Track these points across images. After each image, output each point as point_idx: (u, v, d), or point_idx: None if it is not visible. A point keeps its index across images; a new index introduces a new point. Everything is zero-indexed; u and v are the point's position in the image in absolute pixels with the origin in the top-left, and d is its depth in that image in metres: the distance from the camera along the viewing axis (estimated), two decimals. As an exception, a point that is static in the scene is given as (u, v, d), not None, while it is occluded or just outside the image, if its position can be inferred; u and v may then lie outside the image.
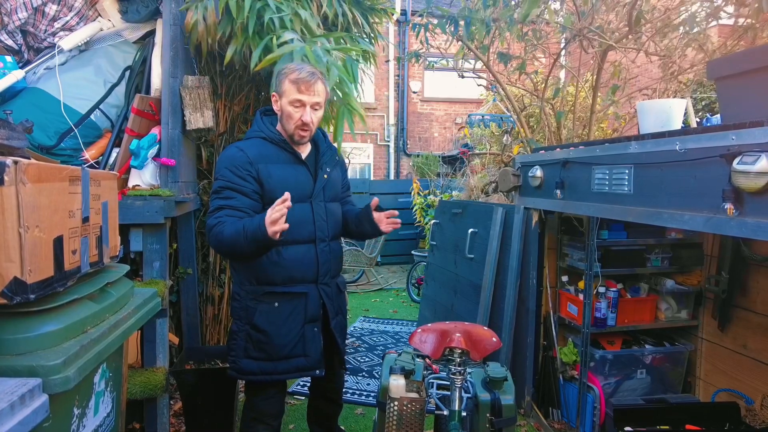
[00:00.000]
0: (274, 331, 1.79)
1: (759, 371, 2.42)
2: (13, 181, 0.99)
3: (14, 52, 2.40)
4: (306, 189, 1.84)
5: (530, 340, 2.85)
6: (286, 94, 1.77)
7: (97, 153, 2.32)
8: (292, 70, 1.77)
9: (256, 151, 1.79)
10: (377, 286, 6.56)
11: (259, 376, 1.81)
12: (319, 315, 1.87)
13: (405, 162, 10.25)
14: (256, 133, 1.87)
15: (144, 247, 2.22)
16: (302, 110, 1.77)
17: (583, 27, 3.25)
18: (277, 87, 1.81)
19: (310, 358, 1.84)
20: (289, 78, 1.76)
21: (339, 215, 1.98)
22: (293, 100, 1.76)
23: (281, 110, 1.81)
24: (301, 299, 1.82)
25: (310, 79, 1.75)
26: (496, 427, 1.58)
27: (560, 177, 2.42)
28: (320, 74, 1.82)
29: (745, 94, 1.65)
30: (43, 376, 1.01)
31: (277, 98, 1.82)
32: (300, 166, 1.86)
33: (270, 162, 1.80)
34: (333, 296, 1.94)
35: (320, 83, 1.79)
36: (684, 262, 2.79)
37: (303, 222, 1.81)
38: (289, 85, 1.76)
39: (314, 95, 1.77)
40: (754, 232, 1.40)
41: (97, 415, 1.34)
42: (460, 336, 1.63)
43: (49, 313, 1.12)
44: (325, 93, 1.83)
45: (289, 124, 1.80)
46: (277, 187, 1.75)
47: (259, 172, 1.77)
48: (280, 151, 1.83)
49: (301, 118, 1.77)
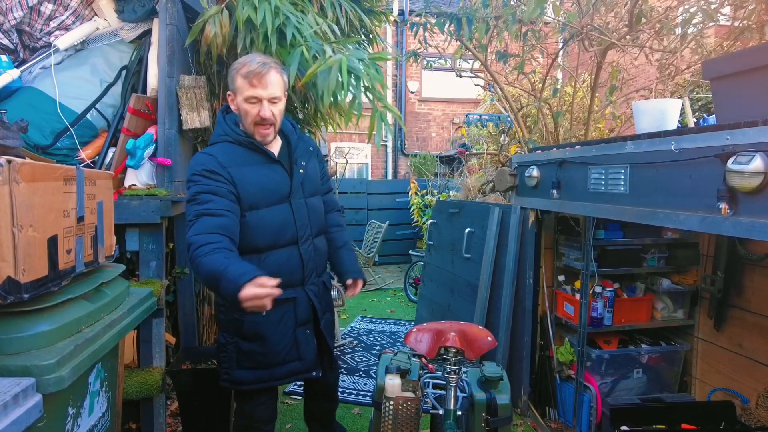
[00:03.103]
0: (266, 339, 1.71)
1: (754, 370, 2.43)
2: (7, 180, 0.99)
3: (10, 51, 2.40)
4: (284, 188, 1.73)
5: (527, 339, 2.86)
6: (240, 91, 1.64)
7: (93, 152, 2.31)
8: (242, 64, 1.64)
9: (226, 157, 1.66)
10: (375, 286, 6.56)
11: (255, 384, 1.75)
12: (310, 317, 1.80)
13: (403, 162, 10.26)
14: (221, 137, 1.73)
15: (140, 246, 2.22)
16: (258, 106, 1.64)
17: (585, 24, 3.25)
18: (231, 85, 1.68)
19: (305, 361, 1.79)
20: (240, 73, 1.63)
21: (321, 210, 1.88)
22: (248, 97, 1.63)
23: (238, 109, 1.68)
24: (290, 304, 1.74)
25: (261, 70, 1.62)
26: (492, 427, 1.58)
27: (557, 177, 2.42)
28: (273, 62, 1.68)
29: (739, 94, 1.66)
30: (37, 375, 1.01)
31: (233, 97, 1.69)
32: (274, 165, 1.74)
33: (242, 165, 1.67)
34: (321, 294, 1.86)
35: (274, 72, 1.65)
36: (680, 261, 2.80)
37: (284, 225, 1.71)
38: (241, 80, 1.63)
39: (269, 87, 1.63)
40: (749, 232, 1.40)
41: (92, 415, 1.34)
42: (455, 335, 1.63)
43: (43, 312, 1.12)
44: (282, 83, 1.69)
45: (247, 122, 1.67)
46: (254, 190, 1.66)
47: (233, 178, 1.64)
48: (250, 153, 1.70)
49: (259, 113, 1.64)
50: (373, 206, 8.13)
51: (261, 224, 1.68)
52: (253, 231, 1.67)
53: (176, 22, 2.36)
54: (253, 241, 1.67)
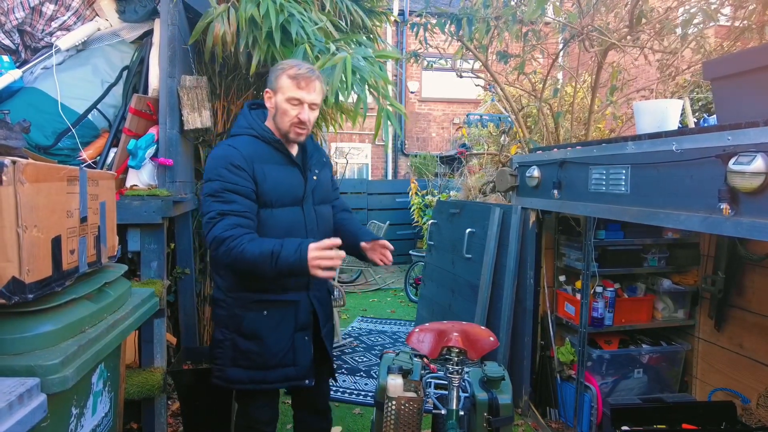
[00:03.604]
0: (264, 339, 1.70)
1: (755, 370, 2.43)
2: (12, 181, 0.99)
3: (11, 52, 2.40)
4: (298, 191, 1.75)
5: (527, 339, 2.86)
6: (283, 90, 1.67)
7: (95, 153, 2.32)
8: (290, 66, 1.68)
9: (250, 150, 1.67)
10: (375, 286, 6.57)
11: (247, 384, 1.73)
12: (309, 323, 1.78)
13: (403, 162, 10.26)
14: (245, 130, 1.74)
15: (141, 247, 2.22)
16: (300, 108, 1.67)
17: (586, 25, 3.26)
18: (272, 83, 1.70)
19: (299, 367, 1.75)
20: (288, 73, 1.66)
21: (330, 218, 1.90)
22: (291, 98, 1.66)
23: (275, 107, 1.70)
24: (291, 307, 1.73)
25: (310, 76, 1.67)
26: (494, 426, 1.58)
27: (557, 177, 2.43)
28: (318, 73, 1.73)
29: (740, 95, 1.66)
30: (41, 375, 1.01)
31: (271, 95, 1.71)
32: (293, 168, 1.76)
33: (264, 162, 1.69)
34: (324, 302, 1.86)
35: (318, 82, 1.70)
36: (680, 261, 2.81)
37: (293, 227, 1.72)
38: (288, 80, 1.66)
39: (313, 93, 1.68)
40: (750, 232, 1.41)
41: (95, 415, 1.34)
42: (458, 335, 1.64)
43: (47, 312, 1.11)
44: (322, 93, 1.75)
45: (284, 121, 1.69)
46: (271, 189, 1.67)
47: (255, 172, 1.65)
48: (273, 151, 1.72)
49: (298, 115, 1.67)
50: (373, 206, 8.13)
51: (271, 223, 1.69)
52: (263, 228, 1.68)
53: (177, 23, 2.36)
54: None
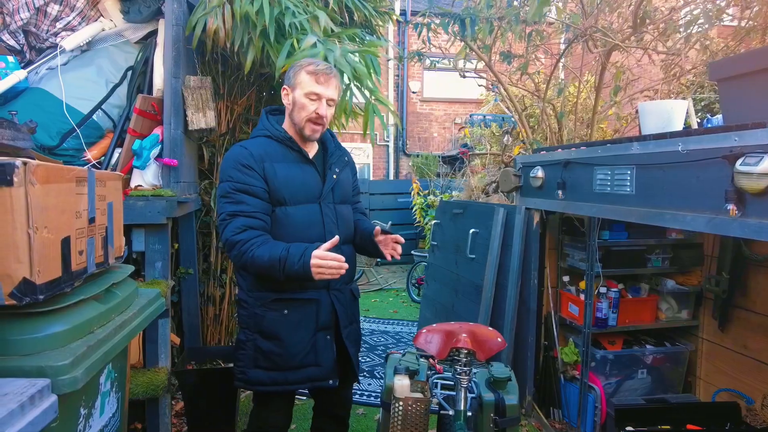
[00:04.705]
0: (285, 339, 1.70)
1: (759, 371, 2.43)
2: (23, 182, 0.99)
3: (16, 53, 2.40)
4: (314, 189, 1.76)
5: (531, 340, 2.86)
6: (302, 86, 1.69)
7: (99, 153, 2.32)
8: (308, 63, 1.72)
9: (261, 149, 1.71)
10: (377, 286, 6.57)
11: (269, 386, 1.73)
12: (331, 322, 1.77)
13: (404, 162, 10.25)
14: (260, 131, 1.80)
15: (146, 247, 2.22)
16: (318, 103, 1.69)
17: (589, 26, 3.26)
18: (290, 80, 1.73)
19: (323, 367, 1.74)
20: (306, 69, 1.69)
21: (350, 218, 1.89)
22: (309, 93, 1.69)
23: (293, 103, 1.72)
24: (312, 306, 1.73)
25: (329, 73, 1.70)
26: (500, 427, 1.58)
27: (561, 177, 2.42)
28: (336, 71, 1.76)
29: (747, 96, 1.66)
30: (52, 376, 1.00)
31: (288, 91, 1.74)
32: (307, 166, 1.78)
33: (275, 160, 1.71)
34: (346, 303, 1.83)
35: (336, 80, 1.74)
36: (684, 262, 2.81)
37: (310, 224, 1.73)
38: (306, 76, 1.69)
39: (330, 89, 1.71)
40: (757, 233, 1.41)
41: (103, 416, 1.34)
42: (466, 336, 1.64)
43: (57, 313, 1.12)
44: (339, 91, 1.78)
45: (301, 116, 1.71)
46: (282, 186, 1.69)
47: (265, 171, 1.68)
48: (286, 150, 1.75)
49: (316, 110, 1.69)
50: (375, 206, 8.13)
51: (287, 221, 1.70)
52: (279, 227, 1.69)
53: (182, 23, 2.36)
54: (278, 237, 1.68)
